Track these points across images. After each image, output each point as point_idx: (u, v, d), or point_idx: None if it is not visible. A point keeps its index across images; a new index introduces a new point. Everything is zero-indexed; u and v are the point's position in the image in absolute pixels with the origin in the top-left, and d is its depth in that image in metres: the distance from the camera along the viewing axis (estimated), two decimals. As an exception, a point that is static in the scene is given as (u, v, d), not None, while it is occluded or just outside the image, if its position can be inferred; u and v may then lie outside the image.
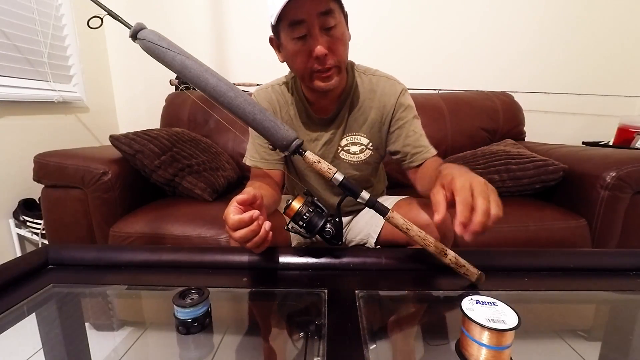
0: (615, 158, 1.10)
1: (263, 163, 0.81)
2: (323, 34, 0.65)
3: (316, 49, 0.64)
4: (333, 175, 0.60)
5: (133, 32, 0.59)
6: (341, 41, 0.68)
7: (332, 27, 0.65)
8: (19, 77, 1.35)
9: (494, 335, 0.38)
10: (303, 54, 0.67)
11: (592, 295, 0.60)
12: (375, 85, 0.80)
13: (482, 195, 0.47)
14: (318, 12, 0.63)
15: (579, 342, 0.47)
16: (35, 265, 0.62)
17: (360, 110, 0.81)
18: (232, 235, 0.52)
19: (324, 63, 0.67)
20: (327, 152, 0.83)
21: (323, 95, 0.76)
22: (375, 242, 0.85)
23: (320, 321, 0.46)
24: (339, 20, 0.67)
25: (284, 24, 0.66)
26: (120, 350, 0.45)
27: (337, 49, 0.67)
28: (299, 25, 0.64)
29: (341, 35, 0.67)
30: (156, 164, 1.17)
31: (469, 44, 1.79)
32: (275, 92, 0.82)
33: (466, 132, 1.55)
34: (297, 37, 0.65)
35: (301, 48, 0.66)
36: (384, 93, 0.80)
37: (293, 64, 0.71)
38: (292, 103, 0.82)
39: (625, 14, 1.74)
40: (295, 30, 0.65)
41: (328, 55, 0.66)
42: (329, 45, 0.65)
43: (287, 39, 0.67)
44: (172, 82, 1.69)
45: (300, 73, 0.71)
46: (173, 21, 1.79)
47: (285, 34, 0.67)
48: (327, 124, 0.82)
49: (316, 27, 0.64)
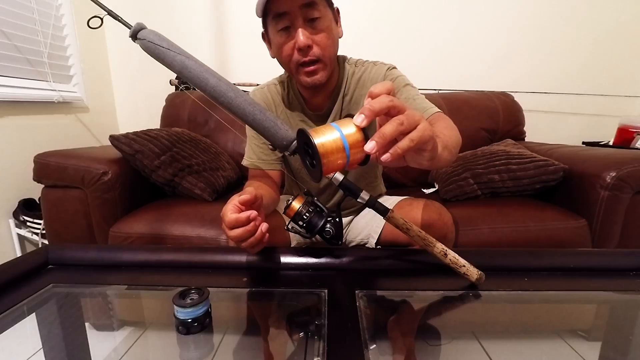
0: (615, 158, 1.10)
1: (261, 163, 0.81)
2: (307, 25, 0.66)
3: (298, 40, 0.65)
4: (333, 175, 0.60)
5: (133, 32, 0.59)
6: (326, 34, 0.68)
7: (316, 18, 0.66)
8: (19, 77, 1.35)
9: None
10: (287, 46, 0.68)
11: (592, 295, 0.60)
12: (363, 72, 0.80)
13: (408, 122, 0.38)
14: (300, 4, 0.64)
15: (579, 342, 0.47)
16: (35, 265, 0.62)
17: (352, 101, 0.80)
18: (228, 234, 0.52)
19: (306, 54, 0.67)
20: None
21: (315, 91, 0.76)
22: (375, 242, 0.85)
23: (320, 321, 0.46)
24: (324, 13, 0.67)
25: (270, 17, 0.67)
26: (120, 350, 0.45)
27: (321, 41, 0.67)
28: (282, 17, 0.65)
29: (326, 28, 0.67)
30: (156, 164, 1.17)
31: (469, 43, 1.79)
32: (271, 92, 0.83)
33: (466, 132, 1.53)
34: (281, 29, 0.67)
35: (285, 40, 0.67)
36: (371, 78, 0.79)
37: (280, 57, 0.72)
38: (287, 101, 0.82)
39: (626, 14, 1.74)
40: (279, 22, 0.66)
41: (312, 46, 0.66)
42: (312, 37, 0.66)
43: (273, 32, 0.69)
44: (172, 82, 1.69)
45: (287, 66, 0.72)
46: (173, 21, 1.78)
47: (271, 27, 0.69)
48: (322, 120, 0.82)
49: (299, 18, 0.65)
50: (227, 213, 0.52)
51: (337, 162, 0.41)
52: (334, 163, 0.41)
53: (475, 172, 1.23)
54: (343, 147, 0.40)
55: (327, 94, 0.79)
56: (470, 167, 1.25)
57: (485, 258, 0.60)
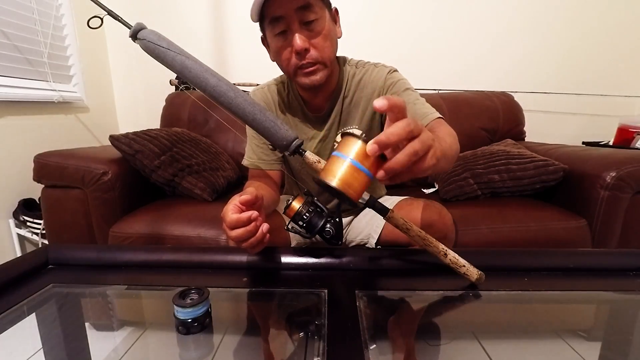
0: (615, 158, 1.10)
1: (261, 163, 0.81)
2: (303, 28, 0.65)
3: (295, 44, 0.65)
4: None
5: (133, 32, 0.59)
6: (323, 36, 0.67)
7: (312, 21, 0.65)
8: (19, 77, 1.35)
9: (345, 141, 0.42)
10: (285, 50, 0.68)
11: (592, 295, 0.60)
12: (364, 74, 0.79)
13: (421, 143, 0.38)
14: (296, 7, 0.64)
15: (579, 342, 0.47)
16: (35, 265, 0.62)
17: (352, 102, 0.80)
18: (229, 234, 0.52)
19: (303, 57, 0.67)
20: (323, 149, 0.83)
21: (314, 92, 0.76)
22: (375, 242, 0.85)
23: (320, 321, 0.46)
24: (321, 15, 0.67)
25: (267, 22, 0.67)
26: (120, 350, 0.45)
27: (318, 44, 0.67)
28: (278, 21, 0.65)
29: (323, 30, 0.67)
30: (156, 164, 1.17)
31: (469, 43, 1.79)
32: (271, 92, 0.83)
33: (466, 132, 1.55)
34: (278, 33, 0.67)
35: (283, 44, 0.67)
36: (372, 80, 0.79)
37: (278, 61, 0.72)
38: (287, 102, 0.82)
39: (625, 14, 1.74)
40: (275, 26, 0.66)
41: (309, 49, 0.66)
42: (309, 40, 0.66)
43: (271, 36, 0.69)
44: (172, 82, 1.69)
45: (286, 70, 0.72)
46: (173, 21, 1.78)
47: (268, 31, 0.69)
48: (322, 121, 0.82)
49: (295, 22, 0.64)
50: (228, 213, 0.52)
51: (361, 184, 0.42)
52: (359, 187, 0.42)
53: (475, 172, 1.23)
54: (357, 168, 0.41)
55: (327, 95, 0.79)
56: (470, 167, 1.25)
57: (485, 258, 0.60)
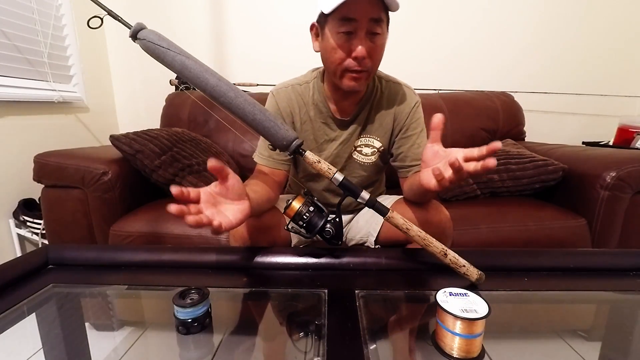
0: (615, 158, 1.10)
1: (270, 161, 0.81)
2: (368, 37, 0.67)
3: (357, 49, 0.67)
4: (333, 175, 0.60)
5: (133, 32, 0.59)
6: (380, 50, 0.71)
7: (377, 34, 0.68)
8: (19, 77, 1.34)
9: (466, 324, 0.40)
10: (343, 50, 0.69)
11: (592, 295, 0.60)
12: (395, 92, 0.83)
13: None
14: (370, 16, 0.65)
15: (579, 342, 0.47)
16: (35, 265, 0.62)
17: (378, 114, 0.82)
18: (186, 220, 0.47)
19: (360, 64, 0.69)
20: (343, 151, 0.84)
21: (345, 96, 0.78)
22: (375, 240, 0.85)
23: (320, 321, 0.46)
24: (384, 32, 0.70)
25: (335, 16, 0.67)
26: (120, 350, 0.45)
27: (374, 56, 0.70)
28: (350, 22, 0.66)
29: (381, 45, 0.70)
30: (156, 164, 1.17)
31: (468, 43, 1.79)
32: (295, 92, 0.83)
33: (466, 132, 1.55)
34: (343, 32, 0.67)
35: (343, 44, 0.68)
36: (401, 101, 0.82)
37: (329, 56, 0.72)
38: (312, 104, 0.82)
39: (625, 14, 1.75)
40: (343, 25, 0.66)
41: (366, 58, 0.68)
42: (369, 50, 0.68)
43: (333, 31, 0.68)
44: (172, 82, 1.68)
45: (333, 67, 0.72)
46: (173, 21, 1.78)
47: (332, 25, 0.68)
48: (346, 125, 0.83)
49: (364, 29, 0.66)
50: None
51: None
52: None
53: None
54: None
55: (355, 101, 0.81)
56: (470, 167, 1.25)
57: (485, 258, 0.60)
